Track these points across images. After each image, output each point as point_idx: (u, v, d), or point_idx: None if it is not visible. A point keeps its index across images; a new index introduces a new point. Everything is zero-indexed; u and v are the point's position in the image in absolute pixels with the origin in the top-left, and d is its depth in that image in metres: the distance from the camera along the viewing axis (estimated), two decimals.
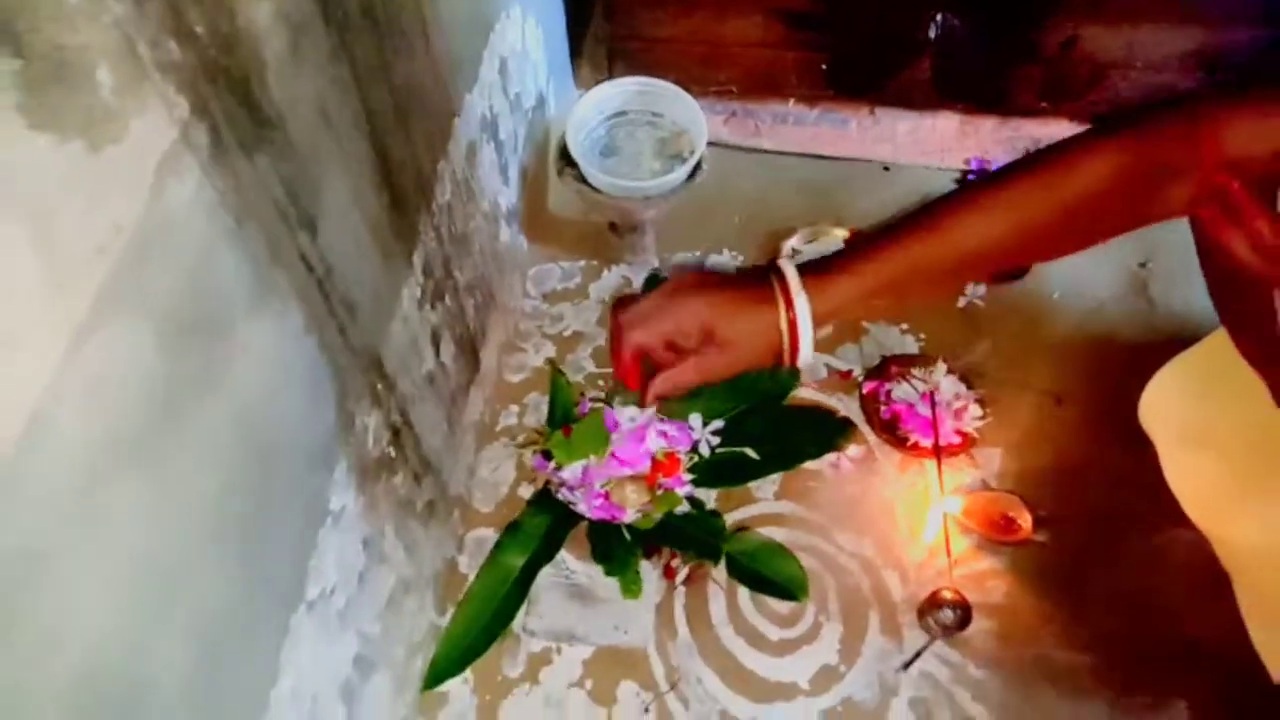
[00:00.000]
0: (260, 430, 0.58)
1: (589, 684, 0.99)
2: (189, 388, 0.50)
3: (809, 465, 1.12)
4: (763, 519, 1.09)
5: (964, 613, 1.02)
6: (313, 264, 0.62)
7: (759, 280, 0.64)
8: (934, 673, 1.01)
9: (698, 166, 1.19)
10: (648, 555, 0.99)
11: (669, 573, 1.02)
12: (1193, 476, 1.00)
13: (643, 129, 1.24)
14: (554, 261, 1.30)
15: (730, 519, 1.08)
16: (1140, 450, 1.05)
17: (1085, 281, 1.28)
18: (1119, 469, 1.11)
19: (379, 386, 0.75)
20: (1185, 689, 1.00)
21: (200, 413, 0.51)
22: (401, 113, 0.74)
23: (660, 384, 0.66)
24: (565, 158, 1.17)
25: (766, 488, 1.11)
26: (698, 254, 1.32)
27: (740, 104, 1.45)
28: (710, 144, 1.41)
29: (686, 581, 1.03)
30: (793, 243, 1.31)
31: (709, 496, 1.07)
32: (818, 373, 1.20)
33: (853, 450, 1.14)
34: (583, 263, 1.30)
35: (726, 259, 1.31)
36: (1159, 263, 1.29)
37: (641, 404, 0.66)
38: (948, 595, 1.03)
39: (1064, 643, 1.03)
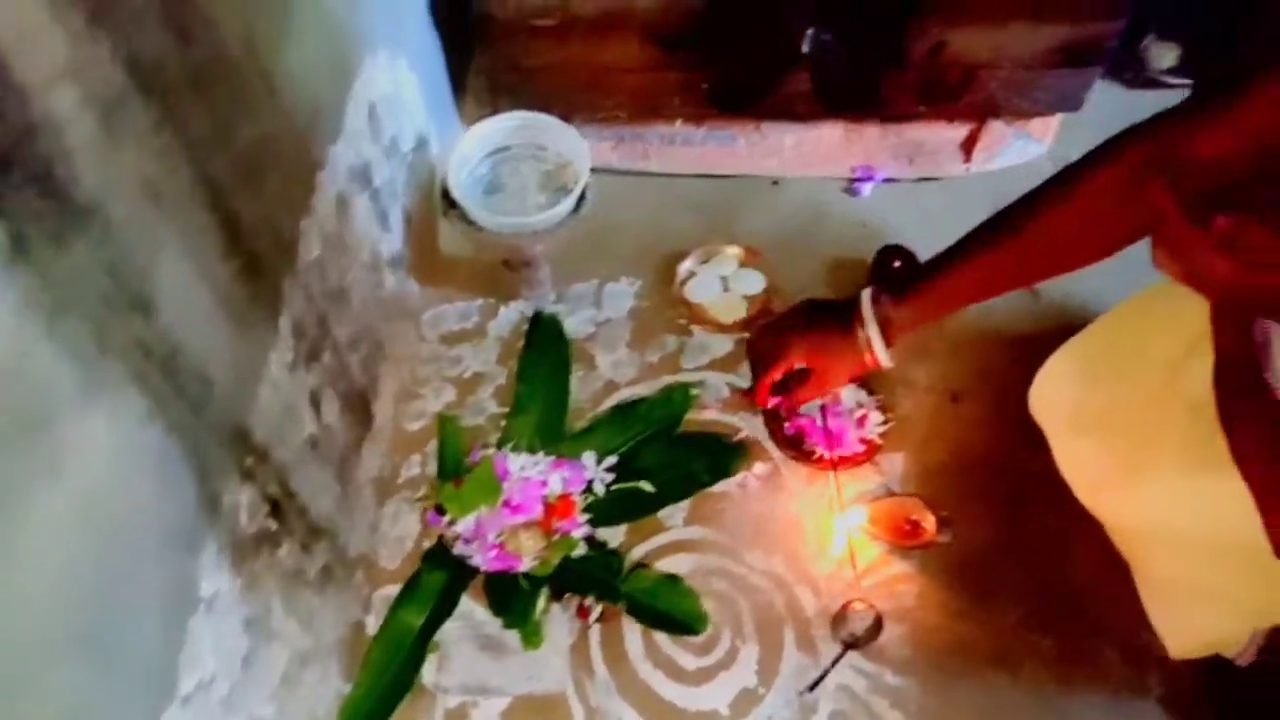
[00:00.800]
0: (104, 524, 0.55)
1: None
2: (10, 488, 0.47)
3: (716, 488, 1.12)
4: (673, 546, 1.08)
5: (875, 622, 1.03)
6: (152, 348, 0.59)
7: (847, 312, 0.91)
8: (851, 685, 1.01)
9: (583, 197, 1.18)
10: (558, 597, 0.98)
11: (582, 613, 1.01)
12: (1081, 462, 1.02)
13: (527, 163, 1.23)
14: (449, 302, 1.28)
15: (641, 549, 1.07)
16: (1036, 441, 1.07)
17: None
18: (1017, 461, 1.13)
19: (248, 460, 0.73)
20: (1096, 671, 1.02)
21: (29, 512, 0.49)
22: (250, 175, 0.72)
23: (789, 401, 1.00)
24: (448, 199, 1.15)
25: (676, 515, 1.10)
26: (595, 283, 1.31)
27: (628, 128, 1.45)
28: (599, 170, 1.42)
29: (601, 619, 1.02)
30: (688, 265, 1.31)
31: (619, 531, 1.07)
32: (720, 392, 1.21)
33: (759, 468, 1.14)
34: (479, 301, 1.28)
35: (624, 285, 1.31)
36: None
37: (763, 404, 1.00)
38: (858, 606, 1.04)
39: (976, 640, 1.04)
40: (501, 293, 1.28)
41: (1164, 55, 1.40)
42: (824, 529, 1.10)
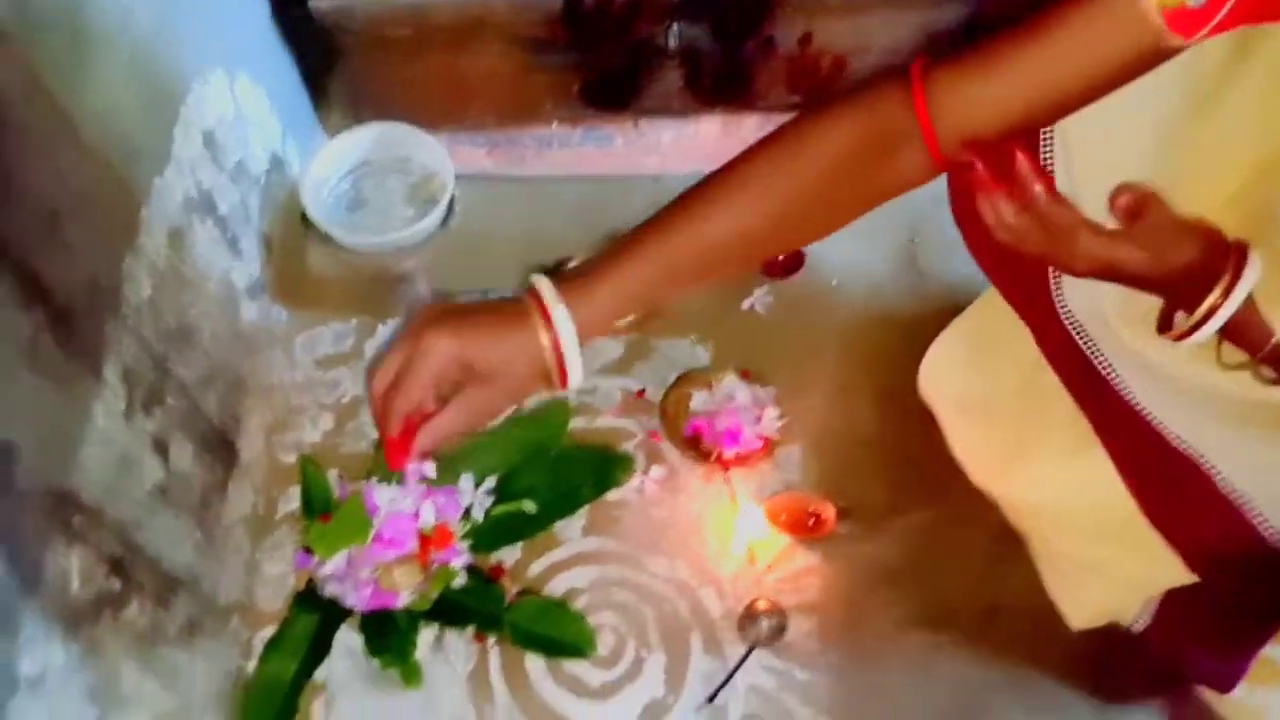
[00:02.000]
0: None
1: None
2: None
3: (614, 495, 1.09)
4: (571, 560, 1.05)
5: (780, 619, 1.01)
6: None
7: (513, 301, 0.59)
8: (761, 684, 1.00)
9: (451, 208, 1.14)
10: (452, 624, 0.94)
11: (479, 636, 0.97)
12: (971, 443, 1.02)
13: (391, 177, 1.19)
14: (323, 324, 1.22)
15: (538, 566, 1.03)
16: (929, 424, 1.07)
17: (861, 264, 1.30)
18: (911, 446, 1.13)
19: (75, 520, 0.67)
20: (998, 650, 1.02)
21: None
22: (50, 223, 0.67)
23: (423, 438, 0.58)
24: (306, 221, 1.10)
25: (573, 526, 1.07)
26: (477, 293, 1.26)
27: (501, 133, 1.41)
28: (475, 177, 1.38)
29: (499, 641, 0.98)
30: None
31: (514, 549, 1.03)
32: (612, 397, 1.18)
33: (656, 472, 1.12)
34: (354, 321, 1.22)
35: (507, 294, 1.26)
36: (926, 234, 1.32)
37: (398, 466, 0.59)
38: (762, 605, 1.02)
39: (882, 627, 1.03)
40: (379, 311, 1.23)
41: None
42: (725, 529, 1.08)
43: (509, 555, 1.03)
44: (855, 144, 0.61)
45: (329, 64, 1.33)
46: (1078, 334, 0.77)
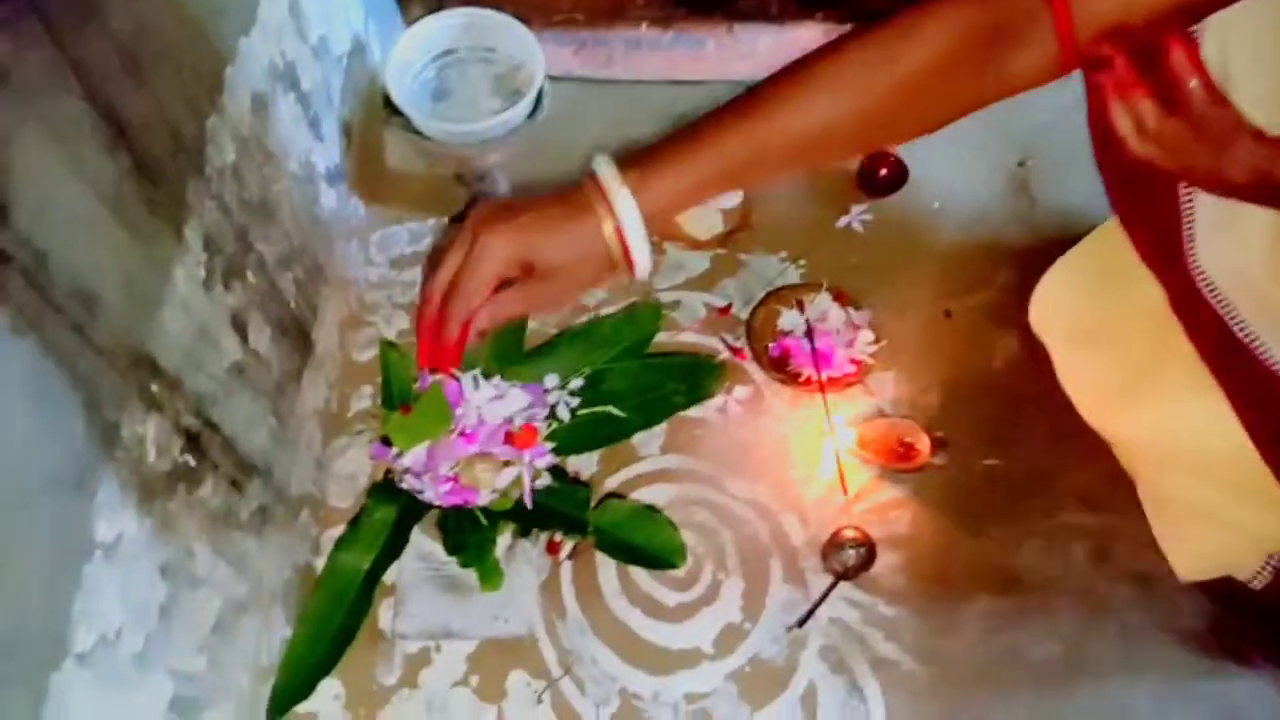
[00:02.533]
0: None
1: (475, 681, 0.90)
2: None
3: (694, 414, 1.04)
4: (649, 477, 1.00)
5: (868, 550, 0.96)
6: (10, 253, 0.50)
7: (573, 190, 0.57)
8: (843, 617, 0.95)
9: (539, 102, 1.08)
10: (526, 533, 0.90)
11: (552, 548, 0.93)
12: (1085, 377, 0.95)
13: (475, 66, 1.12)
14: (400, 223, 1.17)
15: (615, 480, 0.99)
16: (1036, 356, 1.00)
17: (965, 187, 1.21)
18: (1014, 378, 1.06)
19: (154, 388, 0.64)
20: (1100, 600, 0.96)
21: None
22: (133, 63, 0.62)
23: (482, 318, 0.57)
24: (390, 106, 1.05)
25: (652, 443, 1.02)
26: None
27: (589, 33, 1.33)
28: (560, 79, 1.31)
29: (573, 555, 0.94)
30: None
31: (590, 461, 0.98)
32: (696, 312, 1.12)
33: (740, 392, 1.06)
34: (432, 221, 1.18)
35: None
36: (1038, 159, 1.23)
37: (445, 368, 0.58)
38: (849, 534, 0.97)
39: (973, 566, 0.98)
40: (457, 211, 1.18)
41: None
42: (811, 454, 1.03)
43: (585, 467, 0.99)
44: (971, 31, 0.56)
45: None
46: (1212, 293, 0.69)
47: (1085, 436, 0.95)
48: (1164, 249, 0.72)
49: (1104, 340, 0.93)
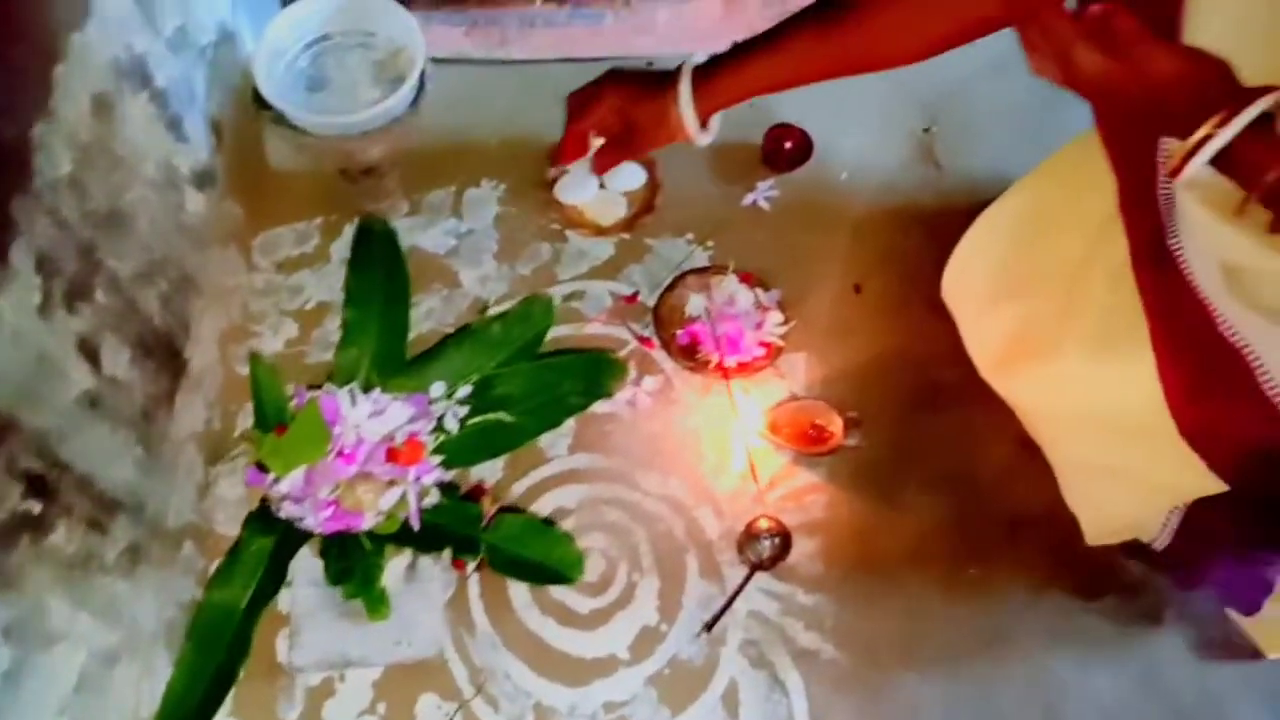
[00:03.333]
0: None
1: (382, 708, 0.86)
2: None
3: (603, 409, 1.00)
4: (558, 478, 0.97)
5: (783, 540, 0.94)
6: None
7: (671, 73, 0.77)
8: (762, 609, 0.93)
9: (421, 87, 1.02)
10: (427, 549, 0.85)
11: (458, 562, 0.89)
12: (992, 340, 0.94)
13: (354, 53, 1.05)
14: (285, 224, 1.11)
15: (521, 485, 0.95)
16: (945, 326, 0.98)
17: (872, 156, 1.19)
18: (925, 351, 1.04)
19: None
20: (1019, 569, 0.96)
21: None
22: None
23: (598, 158, 0.85)
24: (260, 101, 0.98)
25: (559, 443, 0.98)
26: (452, 189, 1.15)
27: (481, 11, 1.27)
28: (453, 61, 1.25)
29: (480, 568, 0.90)
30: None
31: (495, 466, 0.94)
32: (602, 302, 1.08)
33: (649, 383, 1.03)
34: (319, 220, 1.11)
35: (487, 190, 1.16)
36: (943, 125, 1.21)
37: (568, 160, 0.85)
38: (763, 525, 0.94)
39: (890, 547, 0.96)
40: (345, 208, 1.11)
41: None
42: (723, 443, 1.00)
43: (489, 473, 0.95)
44: None
45: None
46: (1167, 203, 0.69)
47: (998, 408, 0.94)
48: (1135, 151, 0.72)
49: (1011, 300, 0.92)
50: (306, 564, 0.80)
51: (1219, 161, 0.55)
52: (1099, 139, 0.79)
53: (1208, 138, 0.54)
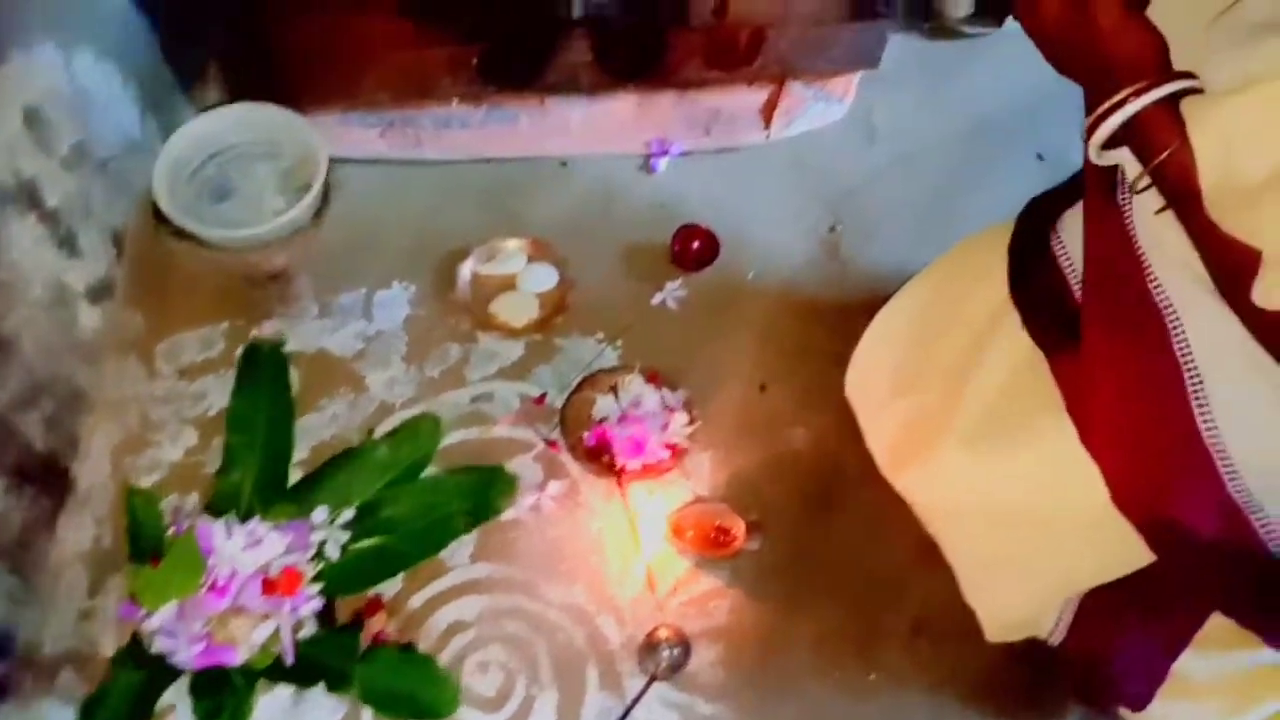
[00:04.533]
0: None
1: None
2: None
3: (508, 514, 1.00)
4: (458, 589, 0.96)
5: (683, 649, 0.94)
6: None
7: None
8: None
9: (326, 197, 1.03)
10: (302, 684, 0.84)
11: None
12: (889, 435, 0.96)
13: (261, 163, 1.07)
14: (190, 329, 1.10)
15: (420, 597, 0.94)
16: (849, 425, 1.00)
17: (779, 254, 1.22)
18: (829, 449, 1.06)
19: None
20: (918, 666, 0.96)
21: None
22: None
23: None
24: (160, 215, 0.98)
25: (460, 551, 0.98)
26: (363, 291, 1.16)
27: (397, 112, 1.29)
28: (368, 162, 1.27)
29: None
30: (469, 264, 1.17)
31: (394, 583, 0.93)
32: (509, 404, 1.08)
33: (554, 487, 1.03)
34: (224, 324, 1.11)
35: (398, 291, 1.16)
36: (847, 222, 1.24)
37: None
38: (663, 634, 0.94)
39: (792, 651, 0.96)
40: (253, 312, 1.12)
41: (959, 3, 1.34)
42: (627, 549, 1.00)
43: (388, 587, 0.94)
44: None
45: (199, 36, 1.21)
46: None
47: (899, 505, 0.95)
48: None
49: (904, 396, 0.94)
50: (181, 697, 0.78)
51: (1128, 133, 0.56)
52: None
53: (1122, 103, 0.55)
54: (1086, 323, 0.74)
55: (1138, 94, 0.55)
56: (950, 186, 1.26)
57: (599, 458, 1.04)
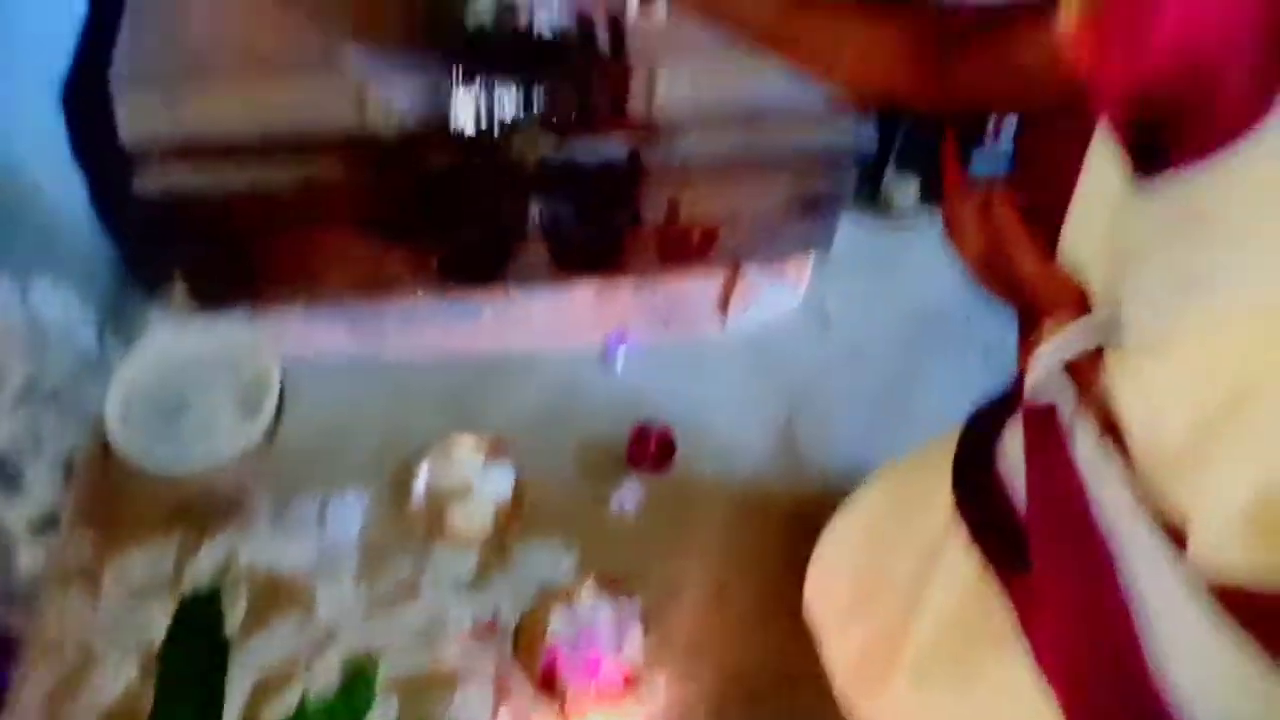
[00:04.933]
0: None
1: None
2: None
3: None
4: None
5: None
6: None
7: None
8: None
9: (279, 413, 1.04)
10: None
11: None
12: (844, 660, 0.93)
13: (218, 377, 1.08)
14: (138, 547, 1.08)
15: None
16: (807, 639, 0.97)
17: (737, 449, 1.22)
18: (787, 667, 1.03)
19: None
20: None
21: None
22: None
23: None
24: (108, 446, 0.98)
25: None
26: (318, 499, 1.15)
27: (362, 308, 1.31)
28: (329, 362, 1.27)
29: None
30: (425, 468, 1.17)
31: None
32: (461, 624, 1.06)
33: (504, 715, 1.00)
34: (177, 538, 1.09)
35: (352, 500, 1.15)
36: (804, 415, 1.25)
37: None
38: None
39: None
40: (203, 525, 1.10)
41: (904, 191, 1.38)
42: None
43: None
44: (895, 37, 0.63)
45: (160, 247, 1.23)
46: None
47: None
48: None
49: (859, 619, 0.92)
50: None
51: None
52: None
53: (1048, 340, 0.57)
54: (1033, 544, 0.73)
55: (1063, 339, 0.56)
56: (902, 377, 1.27)
57: (552, 684, 1.01)
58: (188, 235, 1.16)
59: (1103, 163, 0.54)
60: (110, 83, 0.96)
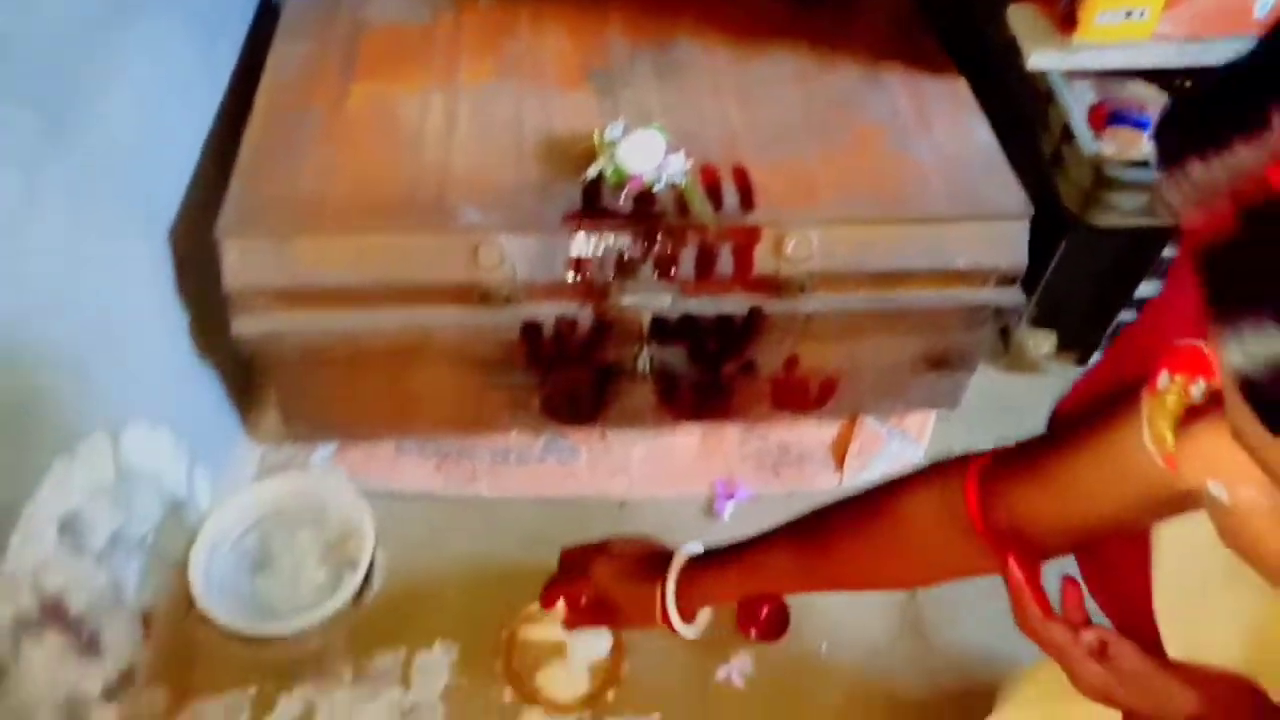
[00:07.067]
0: None
1: None
2: None
3: None
4: None
5: None
6: None
7: (662, 561, 0.76)
8: None
9: (370, 575, 0.97)
10: None
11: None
12: None
13: (305, 530, 1.02)
14: (214, 696, 1.03)
15: None
16: None
17: (854, 625, 1.11)
18: None
19: None
20: None
21: None
22: None
23: (570, 615, 0.84)
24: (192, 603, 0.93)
25: None
26: (403, 653, 1.07)
27: (454, 442, 1.26)
28: (419, 498, 1.22)
29: None
30: (517, 624, 1.09)
31: None
32: None
33: None
34: (253, 689, 1.03)
35: (439, 655, 1.08)
36: (929, 594, 1.13)
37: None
38: None
39: None
40: (281, 677, 1.04)
41: (1041, 343, 1.28)
42: None
43: None
44: (931, 512, 0.62)
45: (255, 388, 1.21)
46: None
47: None
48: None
49: None
50: None
51: None
52: None
53: None
54: None
55: None
56: None
57: None
58: (283, 373, 1.13)
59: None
60: (216, 230, 0.95)
